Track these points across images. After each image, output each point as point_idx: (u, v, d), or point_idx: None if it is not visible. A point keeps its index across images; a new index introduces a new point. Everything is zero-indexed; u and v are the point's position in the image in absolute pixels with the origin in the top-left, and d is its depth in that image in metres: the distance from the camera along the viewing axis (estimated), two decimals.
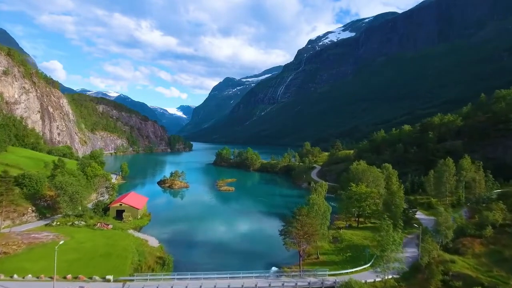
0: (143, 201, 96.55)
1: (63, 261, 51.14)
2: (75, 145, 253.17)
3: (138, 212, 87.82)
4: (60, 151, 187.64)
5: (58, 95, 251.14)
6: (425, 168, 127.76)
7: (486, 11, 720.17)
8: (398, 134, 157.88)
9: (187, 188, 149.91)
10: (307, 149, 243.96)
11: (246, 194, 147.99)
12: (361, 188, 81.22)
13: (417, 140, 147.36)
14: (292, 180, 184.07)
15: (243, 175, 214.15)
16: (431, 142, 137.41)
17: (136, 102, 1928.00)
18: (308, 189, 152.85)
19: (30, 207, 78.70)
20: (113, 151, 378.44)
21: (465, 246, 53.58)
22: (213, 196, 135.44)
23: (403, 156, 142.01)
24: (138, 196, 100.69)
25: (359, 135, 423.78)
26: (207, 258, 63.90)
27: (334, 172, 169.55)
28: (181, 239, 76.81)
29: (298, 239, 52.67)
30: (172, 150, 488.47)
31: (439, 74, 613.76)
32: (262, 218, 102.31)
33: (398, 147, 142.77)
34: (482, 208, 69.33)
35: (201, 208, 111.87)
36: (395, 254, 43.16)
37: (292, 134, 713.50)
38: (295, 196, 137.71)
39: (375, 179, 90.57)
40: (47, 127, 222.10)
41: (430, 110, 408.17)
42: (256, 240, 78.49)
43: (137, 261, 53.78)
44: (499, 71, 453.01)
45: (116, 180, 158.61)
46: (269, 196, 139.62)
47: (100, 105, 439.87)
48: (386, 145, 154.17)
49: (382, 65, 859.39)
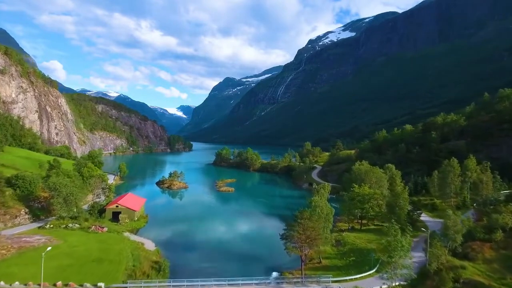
0: (141, 203, 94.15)
1: (53, 266, 48.85)
2: (73, 145, 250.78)
3: (135, 214, 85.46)
4: (57, 151, 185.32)
5: (56, 95, 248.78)
6: (428, 168, 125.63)
7: (486, 11, 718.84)
8: (400, 134, 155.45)
9: (186, 188, 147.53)
10: (308, 149, 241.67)
11: (246, 194, 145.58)
12: (364, 189, 78.83)
13: (419, 140, 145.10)
14: (293, 180, 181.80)
15: (243, 175, 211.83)
16: (434, 142, 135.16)
17: (136, 102, 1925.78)
18: (309, 190, 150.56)
19: (23, 209, 76.34)
20: (113, 151, 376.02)
21: (475, 250, 51.24)
22: (212, 197, 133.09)
23: (405, 156, 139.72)
24: (136, 197, 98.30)
25: (359, 135, 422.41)
26: (205, 262, 61.53)
27: (335, 172, 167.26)
28: (178, 241, 74.49)
29: (300, 243, 50.30)
30: (171, 150, 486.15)
31: (439, 74, 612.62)
32: (262, 219, 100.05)
33: (400, 147, 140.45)
34: (490, 210, 66.99)
35: (200, 209, 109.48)
36: (403, 260, 40.77)
37: (292, 134, 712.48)
38: (295, 197, 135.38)
39: (378, 180, 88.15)
40: (45, 127, 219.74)
41: (430, 110, 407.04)
42: (256, 242, 76.13)
43: (131, 266, 51.39)
44: (499, 71, 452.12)
45: (114, 180, 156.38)
46: (269, 197, 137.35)
47: (100, 105, 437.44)
48: (388, 145, 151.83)
49: (382, 65, 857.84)
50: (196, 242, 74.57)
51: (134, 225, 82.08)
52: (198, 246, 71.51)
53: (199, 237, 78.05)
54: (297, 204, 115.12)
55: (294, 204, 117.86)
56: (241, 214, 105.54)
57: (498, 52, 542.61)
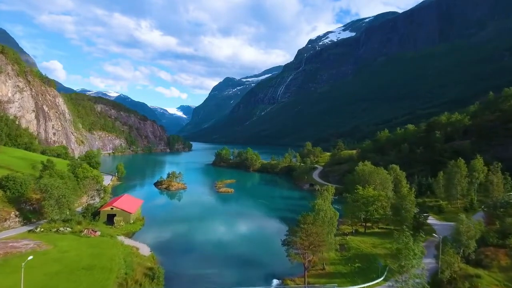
0: (137, 204, 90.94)
1: (40, 274, 45.79)
2: (71, 145, 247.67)
3: (131, 216, 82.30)
4: (54, 151, 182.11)
5: (54, 94, 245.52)
6: (432, 169, 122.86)
7: (487, 11, 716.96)
8: (403, 134, 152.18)
9: (184, 189, 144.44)
10: (309, 149, 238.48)
11: (246, 196, 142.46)
12: (368, 191, 75.69)
13: (422, 140, 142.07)
14: (293, 181, 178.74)
15: (243, 175, 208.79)
16: (438, 142, 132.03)
17: (136, 102, 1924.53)
18: (310, 191, 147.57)
19: (13, 211, 73.16)
20: (111, 151, 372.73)
21: (489, 257, 48.13)
22: (211, 198, 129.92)
23: (409, 157, 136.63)
24: (132, 199, 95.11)
25: (360, 135, 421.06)
26: (203, 268, 58.44)
27: (337, 173, 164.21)
28: (175, 246, 71.38)
29: (303, 250, 47.23)
30: (171, 150, 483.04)
31: (439, 74, 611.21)
32: (263, 222, 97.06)
33: (403, 147, 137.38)
34: (501, 213, 63.86)
35: (198, 211, 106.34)
36: (415, 269, 37.68)
37: (292, 134, 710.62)
38: (296, 198, 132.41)
39: (383, 181, 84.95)
40: (42, 127, 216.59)
41: (430, 110, 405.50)
42: (256, 247, 72.95)
43: (124, 274, 48.26)
44: (500, 71, 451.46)
45: (111, 181, 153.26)
46: (269, 198, 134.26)
47: (99, 104, 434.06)
48: (391, 145, 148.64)
49: (382, 65, 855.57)
50: (194, 246, 71.51)
51: (129, 228, 78.97)
52: (195, 251, 68.42)
53: (197, 241, 74.96)
54: (298, 206, 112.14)
55: (295, 205, 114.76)
56: (241, 216, 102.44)
57: (498, 52, 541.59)
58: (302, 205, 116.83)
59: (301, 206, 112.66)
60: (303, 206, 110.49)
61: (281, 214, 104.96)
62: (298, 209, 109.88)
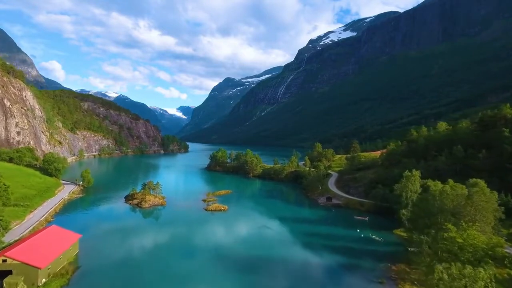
0: (63, 247, 54.97)
1: None
2: (41, 146, 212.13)
3: (40, 273, 46.91)
4: (7, 155, 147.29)
5: (19, 87, 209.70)
6: (500, 180, 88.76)
7: (491, 9, 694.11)
8: (452, 132, 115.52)
9: (163, 206, 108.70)
10: (319, 152, 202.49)
11: (244, 216, 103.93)
12: (471, 233, 40.13)
13: (479, 139, 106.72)
14: (304, 191, 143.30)
15: (241, 182, 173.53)
16: (506, 143, 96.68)
17: (135, 103, 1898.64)
18: (328, 208, 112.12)
19: None
20: (97, 153, 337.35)
21: None
22: (195, 223, 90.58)
23: (464, 163, 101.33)
24: (59, 236, 58.48)
25: (364, 135, 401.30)
26: None
27: (361, 182, 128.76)
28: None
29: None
30: (165, 152, 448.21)
31: (444, 73, 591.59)
32: (267, 270, 61.01)
33: (457, 149, 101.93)
34: None
35: (171, 250, 70.65)
36: None
37: (293, 134, 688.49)
38: (314, 222, 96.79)
39: (480, 210, 49.13)
40: (1, 124, 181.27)
41: (439, 109, 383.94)
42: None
43: None
44: (506, 70, 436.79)
45: (69, 193, 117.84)
46: (276, 219, 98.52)
47: (86, 102, 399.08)
48: (436, 147, 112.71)
49: (385, 64, 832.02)
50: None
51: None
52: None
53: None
54: (321, 238, 77.37)
55: (315, 236, 79.98)
56: (234, 264, 63.57)
57: (505, 51, 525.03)
58: (326, 233, 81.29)
59: (325, 237, 77.20)
60: (330, 238, 74.95)
61: (295, 254, 69.93)
62: (321, 241, 74.36)
